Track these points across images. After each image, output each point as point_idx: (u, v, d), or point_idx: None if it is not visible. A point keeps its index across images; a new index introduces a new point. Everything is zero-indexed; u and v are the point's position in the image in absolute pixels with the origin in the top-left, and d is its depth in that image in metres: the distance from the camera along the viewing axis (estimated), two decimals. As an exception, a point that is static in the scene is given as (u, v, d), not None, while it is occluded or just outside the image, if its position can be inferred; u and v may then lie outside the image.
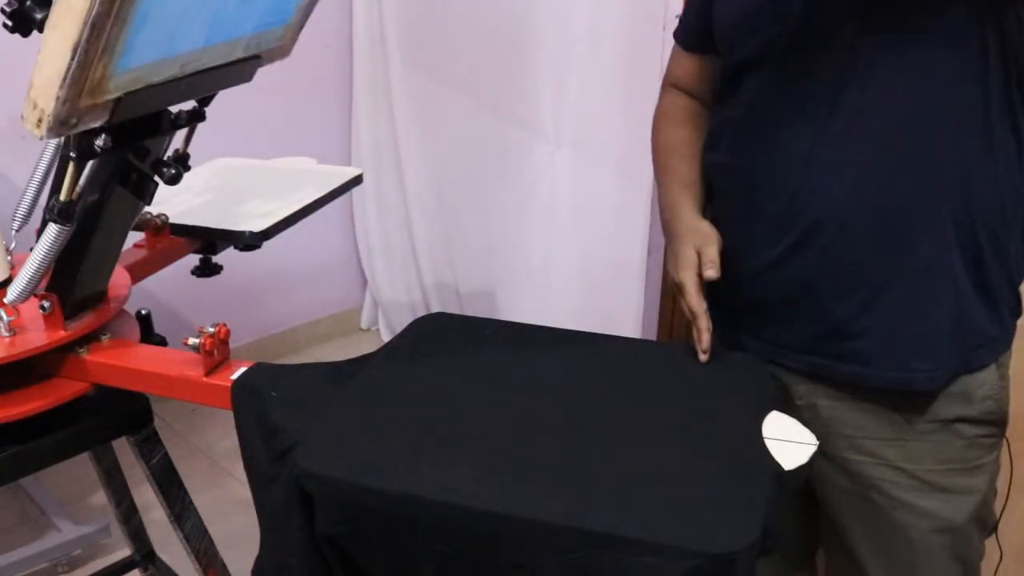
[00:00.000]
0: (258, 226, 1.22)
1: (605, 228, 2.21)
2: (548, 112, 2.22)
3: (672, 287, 1.03)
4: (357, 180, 1.43)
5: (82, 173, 0.86)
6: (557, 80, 2.17)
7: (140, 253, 1.20)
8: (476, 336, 1.07)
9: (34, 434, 0.96)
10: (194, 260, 1.30)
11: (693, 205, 1.07)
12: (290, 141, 2.58)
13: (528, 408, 0.90)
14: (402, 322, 1.77)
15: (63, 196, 0.85)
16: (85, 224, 0.91)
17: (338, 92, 2.76)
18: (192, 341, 0.93)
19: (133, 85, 0.80)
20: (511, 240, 2.44)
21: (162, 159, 0.93)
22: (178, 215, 1.25)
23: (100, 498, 1.94)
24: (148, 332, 1.08)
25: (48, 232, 0.88)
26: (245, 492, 0.93)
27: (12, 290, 0.91)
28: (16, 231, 1.05)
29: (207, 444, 2.36)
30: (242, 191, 1.38)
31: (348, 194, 1.74)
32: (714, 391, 0.94)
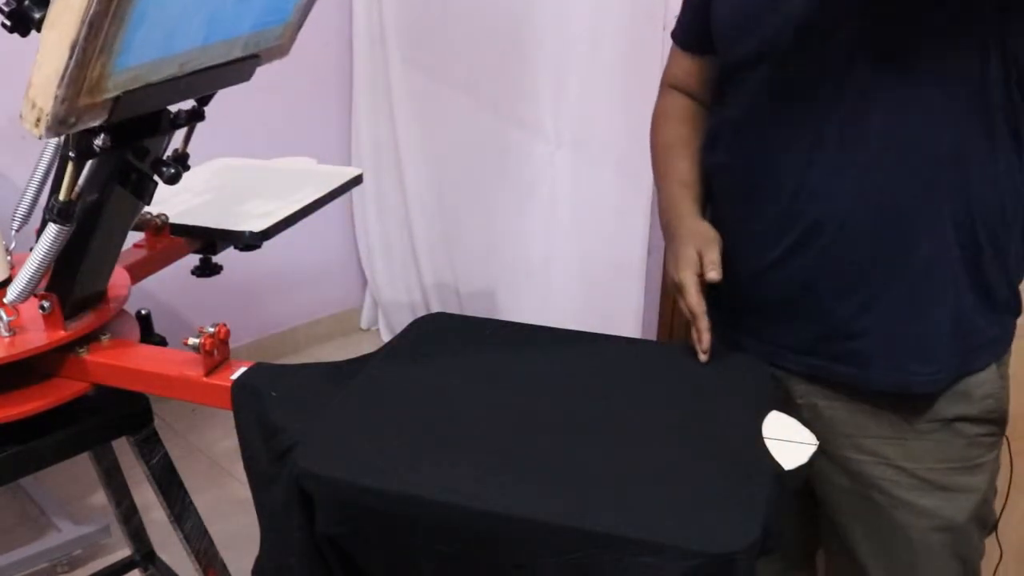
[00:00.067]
0: (258, 226, 1.22)
1: (605, 228, 2.21)
2: (548, 112, 2.21)
3: (671, 287, 1.03)
4: (357, 180, 1.43)
5: (81, 173, 0.86)
6: (557, 80, 2.17)
7: (140, 253, 1.20)
8: (476, 336, 1.07)
9: (34, 434, 0.96)
10: (194, 260, 1.30)
11: (693, 206, 1.07)
12: (290, 141, 2.58)
13: (528, 408, 0.90)
14: (402, 322, 1.77)
15: (63, 196, 0.85)
16: (85, 224, 0.91)
17: (338, 92, 2.76)
18: (192, 341, 0.93)
19: (132, 84, 0.80)
20: (511, 240, 2.44)
21: (161, 159, 0.93)
22: (178, 215, 1.25)
23: (100, 498, 1.94)
24: (148, 332, 1.08)
25: (48, 232, 0.87)
26: (245, 492, 0.93)
27: (12, 290, 0.91)
28: (16, 231, 1.05)
29: (207, 444, 2.36)
30: (242, 191, 1.38)
31: (348, 194, 1.74)
32: (714, 391, 0.94)
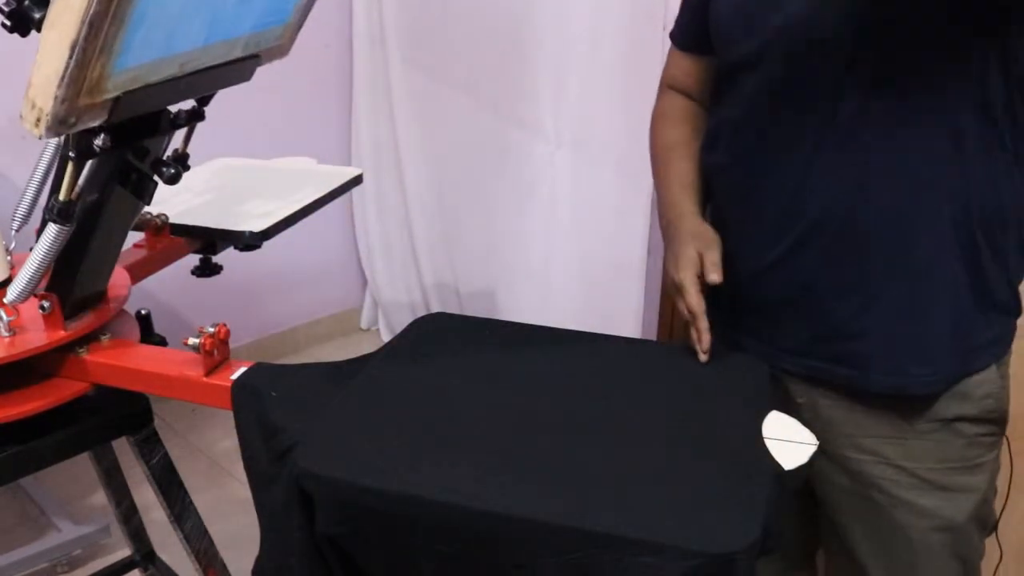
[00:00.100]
0: (258, 226, 1.22)
1: (605, 228, 2.21)
2: (548, 112, 2.21)
3: (671, 287, 1.02)
4: (357, 180, 1.43)
5: (81, 173, 0.86)
6: (557, 80, 2.17)
7: (140, 253, 1.20)
8: (476, 336, 1.07)
9: (34, 434, 0.96)
10: (194, 260, 1.30)
11: (694, 206, 1.07)
12: (290, 141, 2.58)
13: (528, 408, 0.90)
14: (402, 322, 1.77)
15: (63, 196, 0.85)
16: (85, 224, 0.91)
17: (338, 92, 2.76)
18: (192, 341, 0.93)
19: (131, 84, 0.80)
20: (511, 240, 2.44)
21: (161, 159, 0.93)
22: (178, 215, 1.25)
23: (100, 498, 1.94)
24: (148, 332, 1.08)
25: (48, 232, 0.87)
26: (245, 492, 0.93)
27: (12, 290, 0.91)
28: (16, 231, 1.05)
29: (207, 444, 2.36)
30: (242, 191, 1.38)
31: (348, 194, 1.74)
32: (714, 391, 0.94)
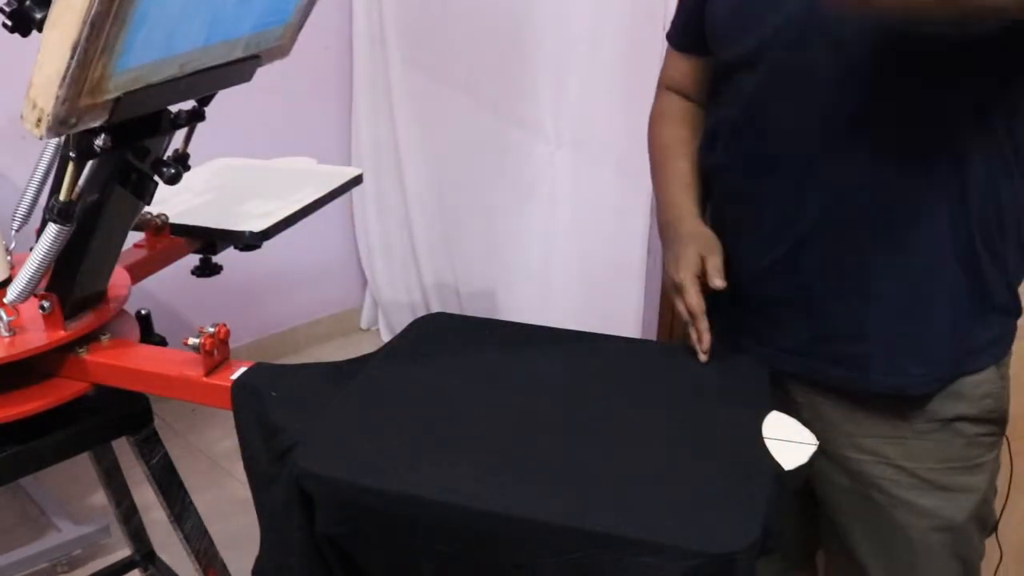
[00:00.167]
0: (258, 226, 1.22)
1: (605, 228, 2.21)
2: (548, 112, 2.22)
3: (670, 287, 1.02)
4: (357, 180, 1.43)
5: (82, 173, 0.86)
6: (557, 80, 2.17)
7: (140, 253, 1.20)
8: (476, 336, 1.07)
9: (34, 434, 0.96)
10: (194, 260, 1.30)
11: (694, 207, 1.07)
12: (290, 141, 2.58)
13: (528, 408, 0.90)
14: (402, 322, 1.77)
15: (63, 196, 0.85)
16: (85, 224, 0.91)
17: (338, 92, 2.76)
18: (192, 341, 0.93)
19: (132, 85, 0.80)
20: (511, 240, 2.44)
21: (162, 159, 0.93)
22: (178, 215, 1.25)
23: (100, 498, 1.94)
24: (148, 332, 1.08)
25: (48, 232, 0.87)
26: (245, 492, 0.93)
27: (12, 290, 0.91)
28: (16, 231, 1.05)
29: (207, 444, 2.36)
30: (242, 191, 1.38)
31: (348, 194, 1.74)
32: (714, 391, 0.94)
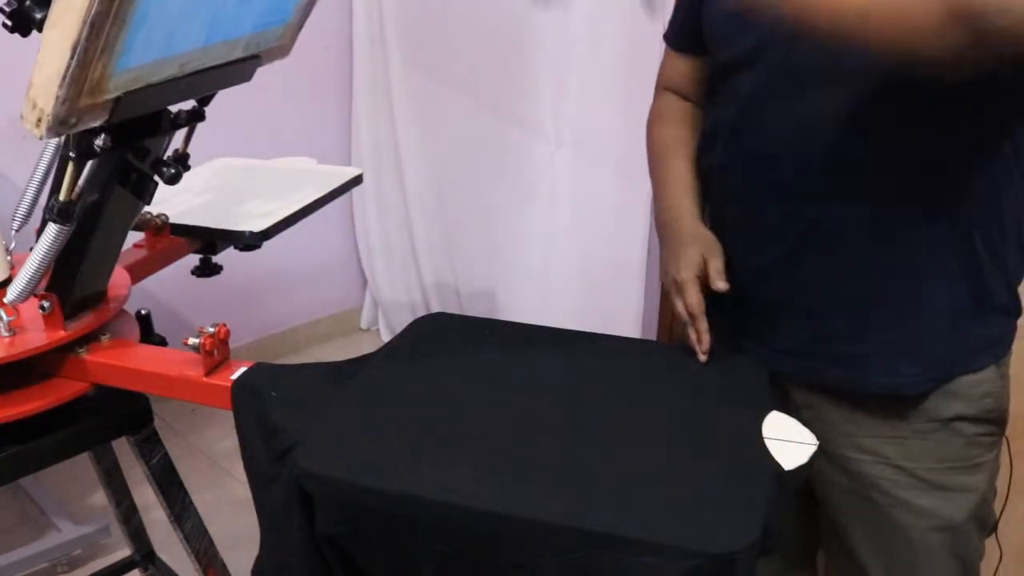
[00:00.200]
0: (258, 226, 1.22)
1: (605, 228, 2.21)
2: (548, 112, 2.22)
3: (670, 286, 1.02)
4: (357, 180, 1.43)
5: (82, 173, 0.86)
6: (557, 80, 2.17)
7: (140, 253, 1.20)
8: (476, 336, 1.07)
9: (34, 434, 0.96)
10: (194, 260, 1.30)
11: (695, 208, 1.07)
12: (290, 141, 2.58)
13: (528, 408, 0.90)
14: (402, 322, 1.77)
15: (63, 196, 0.85)
16: (85, 224, 0.91)
17: (338, 92, 2.76)
18: (192, 341, 0.93)
19: (132, 85, 0.80)
20: (511, 240, 2.44)
21: (162, 159, 0.93)
22: (178, 215, 1.25)
23: (100, 498, 1.94)
24: (148, 332, 1.08)
25: (48, 232, 0.87)
26: (245, 492, 0.93)
27: (12, 290, 0.91)
28: (16, 231, 1.05)
29: (207, 444, 2.36)
30: (242, 191, 1.38)
31: (348, 194, 1.74)
32: (714, 391, 0.94)
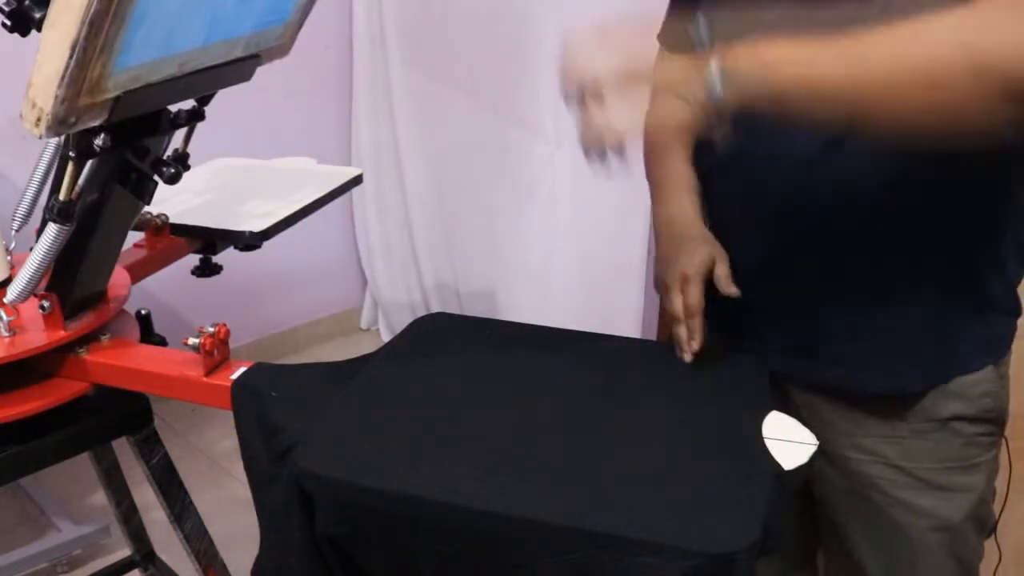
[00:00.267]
0: (258, 226, 1.22)
1: (605, 228, 2.21)
2: (548, 112, 2.21)
3: (672, 281, 1.01)
4: (357, 180, 1.43)
5: (81, 172, 0.86)
6: (557, 80, 2.17)
7: (140, 253, 1.20)
8: (476, 336, 1.07)
9: (34, 434, 0.96)
10: (194, 260, 1.30)
11: (697, 209, 1.06)
12: (290, 141, 2.58)
13: (528, 408, 0.90)
14: (402, 322, 1.77)
15: (63, 196, 0.85)
16: (85, 224, 0.91)
17: (338, 92, 2.76)
18: (192, 341, 0.93)
19: (132, 84, 0.80)
20: (511, 240, 2.44)
21: (162, 158, 0.93)
22: (178, 215, 1.25)
23: (100, 498, 1.94)
24: (148, 332, 1.08)
25: (48, 232, 0.87)
26: (245, 492, 0.93)
27: (12, 290, 0.91)
28: (16, 231, 1.05)
29: (207, 444, 2.36)
30: (242, 191, 1.38)
31: (348, 194, 1.74)
32: (714, 391, 0.94)
